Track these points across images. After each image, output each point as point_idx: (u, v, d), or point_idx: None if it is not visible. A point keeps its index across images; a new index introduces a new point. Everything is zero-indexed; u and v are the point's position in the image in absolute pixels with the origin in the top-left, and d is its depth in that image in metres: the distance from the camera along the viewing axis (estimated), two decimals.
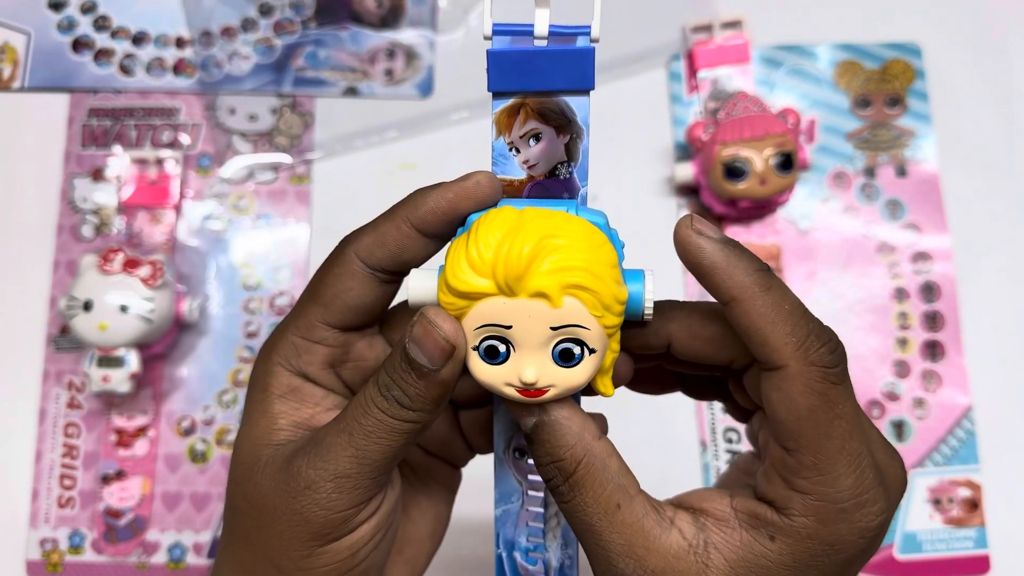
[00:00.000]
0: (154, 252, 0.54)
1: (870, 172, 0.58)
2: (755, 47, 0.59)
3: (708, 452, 0.54)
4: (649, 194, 0.58)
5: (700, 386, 0.33)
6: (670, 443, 0.55)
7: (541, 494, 0.30)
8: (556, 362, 0.25)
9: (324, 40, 0.60)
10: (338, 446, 0.27)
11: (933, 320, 0.56)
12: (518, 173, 0.28)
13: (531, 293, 0.24)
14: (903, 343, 0.56)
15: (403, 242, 0.28)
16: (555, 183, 0.28)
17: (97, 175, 0.58)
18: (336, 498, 0.27)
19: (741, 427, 0.55)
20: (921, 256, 0.57)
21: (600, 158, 0.59)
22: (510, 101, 0.27)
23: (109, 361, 0.51)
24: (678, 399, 0.55)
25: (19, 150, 0.59)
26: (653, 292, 0.27)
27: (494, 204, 0.27)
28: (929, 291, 0.57)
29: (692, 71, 0.59)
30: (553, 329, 0.25)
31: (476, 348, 0.25)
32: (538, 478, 0.29)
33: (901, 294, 0.57)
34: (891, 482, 0.27)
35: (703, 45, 0.58)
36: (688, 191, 0.58)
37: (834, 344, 0.26)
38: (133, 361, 0.51)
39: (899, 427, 0.55)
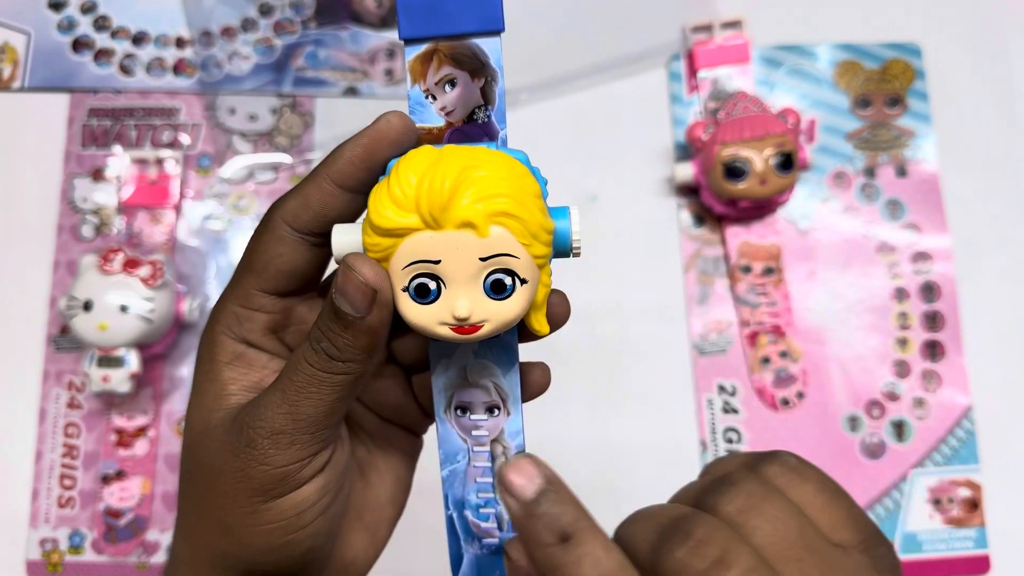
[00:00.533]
0: (154, 252, 0.54)
1: (870, 172, 0.58)
2: (755, 47, 0.59)
3: (708, 452, 0.54)
4: (649, 194, 0.58)
5: None
6: (670, 443, 0.55)
7: (487, 449, 0.30)
8: (488, 295, 0.25)
9: (324, 40, 0.60)
10: (273, 403, 0.27)
11: (933, 320, 0.56)
12: (436, 120, 0.28)
13: (457, 224, 0.24)
14: (903, 343, 0.56)
15: (326, 200, 0.27)
16: (474, 128, 0.28)
17: (97, 175, 0.58)
18: (274, 454, 0.27)
19: (741, 426, 0.55)
20: (921, 256, 0.57)
21: (600, 158, 0.59)
22: (423, 48, 0.27)
23: (109, 361, 0.51)
24: (679, 398, 0.55)
25: (19, 150, 0.59)
26: (580, 225, 0.27)
27: (412, 147, 0.27)
28: (929, 291, 0.57)
29: (692, 71, 0.59)
30: (482, 260, 0.24)
31: (406, 289, 0.25)
32: (483, 433, 0.29)
33: (901, 294, 0.57)
34: None
35: (703, 45, 0.58)
36: (688, 191, 0.58)
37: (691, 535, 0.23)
38: (133, 361, 0.51)
39: (899, 427, 0.55)
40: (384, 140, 0.27)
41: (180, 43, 0.60)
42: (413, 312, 0.25)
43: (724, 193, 0.54)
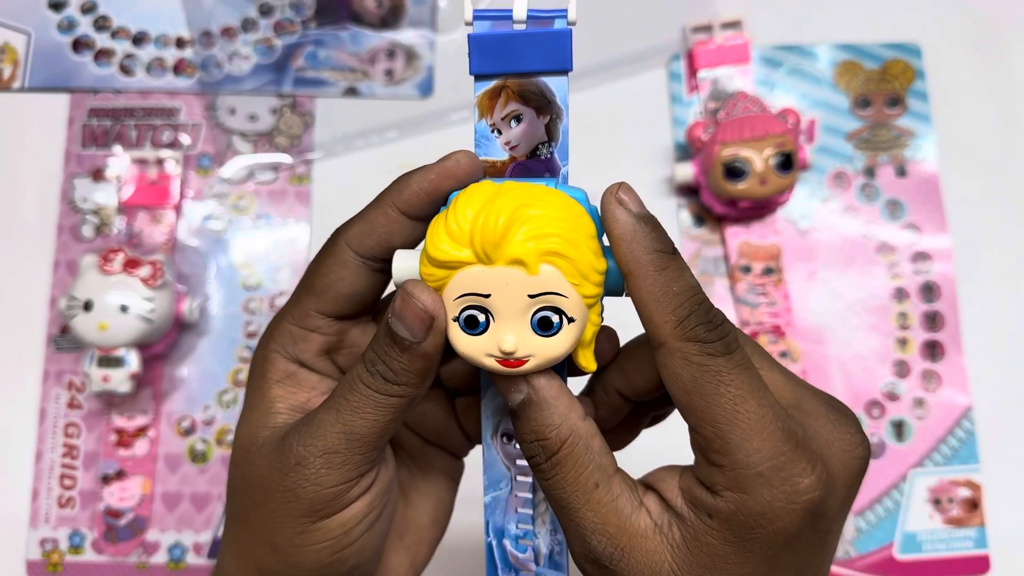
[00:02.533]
0: (154, 252, 0.54)
1: (870, 172, 0.58)
2: (755, 47, 0.59)
3: None
4: (649, 194, 0.58)
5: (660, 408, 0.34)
6: (671, 443, 0.55)
7: (530, 479, 0.30)
8: (535, 331, 0.25)
9: (324, 40, 0.60)
10: (327, 423, 0.27)
11: (933, 320, 0.56)
12: (500, 154, 0.28)
13: (508, 260, 0.25)
14: (903, 343, 0.56)
15: (391, 227, 0.28)
16: (537, 163, 0.28)
17: (97, 175, 0.58)
18: (325, 474, 0.27)
19: None
20: (921, 256, 0.57)
21: (600, 158, 0.59)
22: (492, 83, 0.28)
23: (109, 361, 0.51)
24: None
25: (19, 150, 0.59)
26: None
27: (475, 182, 0.27)
28: (929, 291, 0.57)
29: (692, 71, 0.59)
30: (531, 297, 0.25)
31: (456, 319, 0.26)
32: (526, 463, 0.30)
33: (901, 294, 0.57)
34: (828, 456, 0.26)
35: (703, 45, 0.58)
36: (688, 191, 0.58)
37: (714, 323, 0.26)
38: (133, 361, 0.51)
39: (899, 427, 0.55)
40: (451, 177, 0.27)
41: (180, 43, 0.60)
42: (462, 342, 0.26)
43: (724, 193, 0.54)
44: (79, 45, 0.60)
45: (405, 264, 0.27)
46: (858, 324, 0.56)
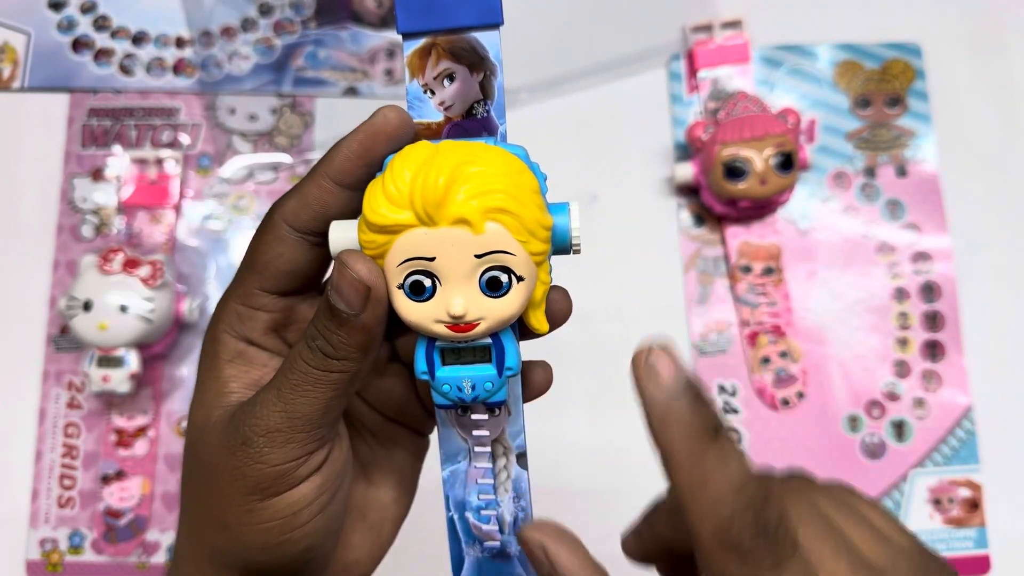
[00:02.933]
0: (154, 252, 0.54)
1: (870, 172, 0.58)
2: (755, 47, 0.59)
3: None
4: (649, 194, 0.58)
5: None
6: None
7: (488, 449, 0.29)
8: (484, 292, 0.25)
9: (324, 40, 0.60)
10: (268, 402, 0.27)
11: (933, 320, 0.56)
12: (435, 115, 0.27)
13: (452, 220, 0.24)
14: (903, 343, 0.56)
15: (324, 199, 0.27)
16: (473, 123, 0.27)
17: (97, 175, 0.58)
18: (268, 452, 0.27)
19: (742, 426, 0.55)
20: (921, 256, 0.57)
21: (600, 158, 0.59)
22: (421, 42, 0.27)
23: (109, 361, 0.51)
24: None
25: (19, 150, 0.59)
26: (580, 221, 0.26)
27: (409, 143, 0.26)
28: (929, 291, 0.57)
29: (692, 71, 0.59)
30: (478, 257, 0.24)
31: (401, 287, 0.25)
32: (484, 432, 0.29)
33: (901, 294, 0.57)
34: None
35: (703, 45, 0.58)
36: (688, 191, 0.58)
37: (765, 528, 0.22)
38: (133, 361, 0.51)
39: (899, 427, 0.55)
40: (380, 135, 0.26)
41: (180, 43, 0.60)
42: (408, 309, 0.25)
43: (724, 193, 0.54)
44: (79, 45, 0.60)
45: (342, 235, 0.26)
46: (858, 324, 0.56)
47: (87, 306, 0.50)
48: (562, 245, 0.26)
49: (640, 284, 0.57)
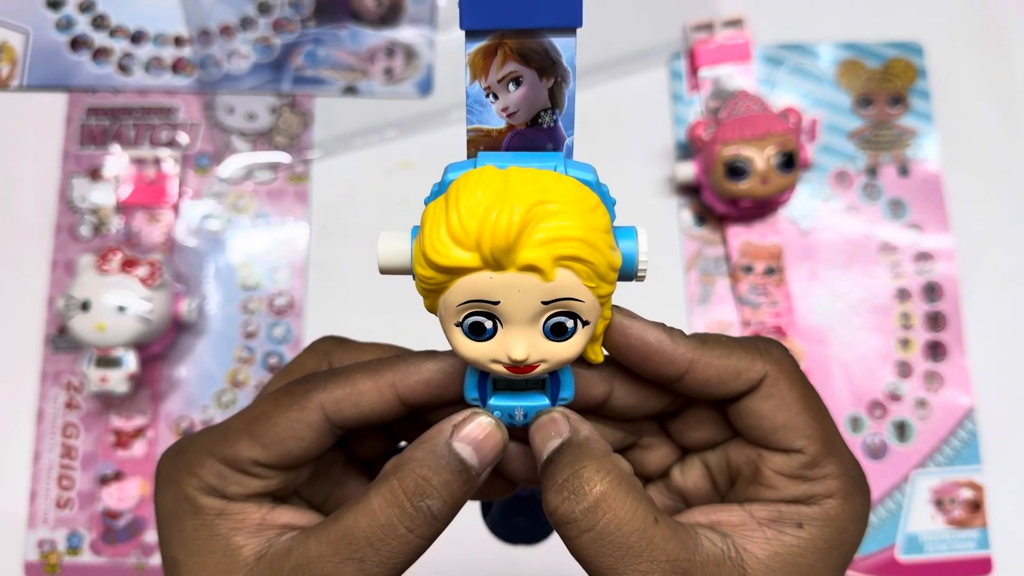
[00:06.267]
0: (152, 252, 0.54)
1: (872, 171, 0.58)
2: (756, 46, 0.59)
3: None
4: (650, 193, 0.58)
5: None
6: None
7: None
8: (547, 336, 0.24)
9: (323, 39, 0.59)
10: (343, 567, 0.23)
11: (935, 320, 0.56)
12: (496, 122, 0.25)
13: (521, 267, 0.22)
14: (905, 343, 0.56)
15: (382, 409, 0.25)
16: (538, 132, 0.25)
17: (95, 174, 0.58)
18: None
19: None
20: (923, 256, 0.57)
21: (601, 157, 0.58)
22: (486, 41, 0.24)
23: (107, 361, 0.51)
24: None
25: (17, 149, 0.59)
26: (647, 251, 0.25)
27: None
28: (931, 291, 0.56)
29: (693, 70, 0.58)
30: (544, 303, 0.23)
31: (459, 324, 0.24)
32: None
33: (903, 294, 0.56)
34: None
35: (704, 44, 0.58)
36: (689, 190, 0.57)
37: (781, 345, 0.27)
38: (131, 361, 0.51)
39: (901, 428, 0.55)
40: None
41: (178, 42, 0.60)
42: (466, 347, 0.24)
43: (725, 192, 0.54)
44: (77, 44, 0.60)
45: (394, 247, 0.24)
46: (860, 324, 0.56)
47: (85, 306, 0.50)
48: (627, 272, 0.25)
49: (641, 284, 0.56)
